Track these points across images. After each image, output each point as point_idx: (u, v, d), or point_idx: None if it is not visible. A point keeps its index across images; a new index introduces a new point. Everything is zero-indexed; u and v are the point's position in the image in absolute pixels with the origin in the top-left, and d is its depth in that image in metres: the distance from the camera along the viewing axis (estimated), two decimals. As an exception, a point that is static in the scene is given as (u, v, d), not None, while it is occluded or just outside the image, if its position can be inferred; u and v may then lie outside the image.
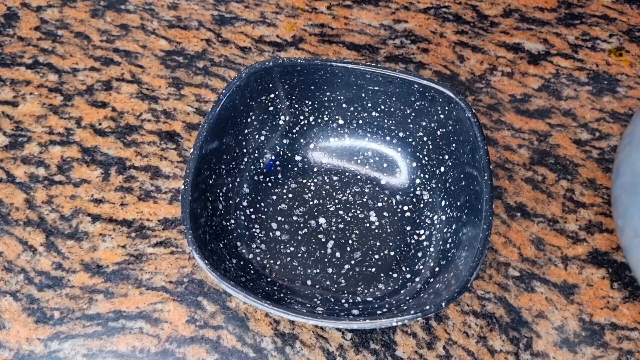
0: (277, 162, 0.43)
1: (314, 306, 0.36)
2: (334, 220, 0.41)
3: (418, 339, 0.38)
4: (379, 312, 0.35)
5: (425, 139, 0.41)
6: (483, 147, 0.36)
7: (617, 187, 0.36)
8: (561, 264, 0.40)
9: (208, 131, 0.37)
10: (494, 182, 0.43)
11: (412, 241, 0.40)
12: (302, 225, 0.41)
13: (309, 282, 0.39)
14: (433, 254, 0.38)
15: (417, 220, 0.41)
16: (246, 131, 0.41)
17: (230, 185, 0.40)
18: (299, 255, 0.40)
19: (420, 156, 0.42)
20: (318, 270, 0.39)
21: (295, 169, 0.43)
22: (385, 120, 0.42)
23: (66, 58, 0.48)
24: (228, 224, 0.39)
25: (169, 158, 0.44)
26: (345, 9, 0.52)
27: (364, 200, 0.42)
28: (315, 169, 0.43)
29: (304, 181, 0.43)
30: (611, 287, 0.40)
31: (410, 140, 0.42)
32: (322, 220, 0.41)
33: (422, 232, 0.40)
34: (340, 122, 0.43)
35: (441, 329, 0.38)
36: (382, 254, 0.40)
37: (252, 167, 0.42)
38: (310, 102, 0.42)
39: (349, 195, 0.42)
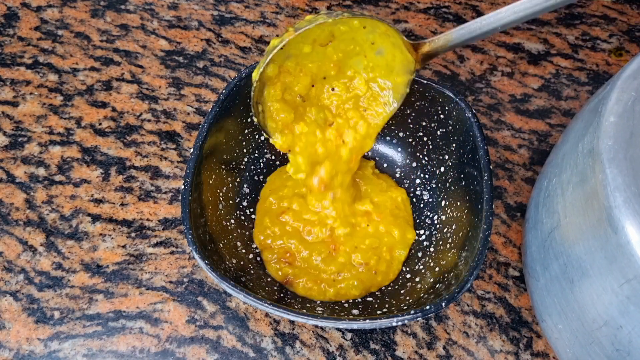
0: (277, 162, 0.43)
1: (314, 306, 0.36)
2: (334, 220, 0.41)
3: (418, 339, 0.38)
4: (379, 312, 0.35)
5: (425, 139, 0.41)
6: (483, 147, 0.36)
7: (524, 267, 0.36)
8: (561, 264, 0.40)
9: (208, 131, 0.37)
10: (494, 182, 0.43)
11: (412, 241, 0.40)
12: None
13: (309, 282, 0.39)
14: (433, 254, 0.38)
15: (417, 220, 0.41)
16: (246, 131, 0.41)
17: (230, 185, 0.40)
18: (299, 255, 0.40)
19: (420, 156, 0.42)
20: (318, 270, 0.39)
21: (295, 169, 0.43)
22: (385, 120, 0.42)
23: (66, 58, 0.48)
24: (228, 224, 0.39)
25: (169, 158, 0.44)
26: (345, 9, 0.52)
27: (364, 200, 0.42)
28: (315, 169, 0.43)
29: (304, 181, 0.43)
30: (611, 287, 0.40)
31: (410, 140, 0.42)
32: (322, 220, 0.41)
33: (422, 232, 0.40)
34: (340, 122, 0.43)
35: (441, 329, 0.38)
36: (382, 254, 0.40)
37: (252, 167, 0.42)
38: (310, 102, 0.42)
39: (349, 195, 0.42)
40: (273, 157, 0.43)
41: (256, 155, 0.42)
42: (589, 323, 0.28)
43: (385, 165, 0.43)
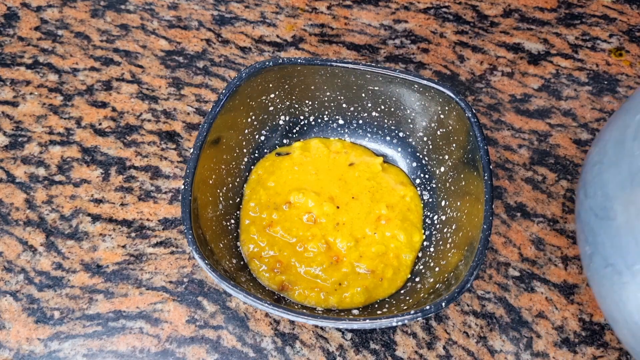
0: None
1: (314, 306, 0.36)
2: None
3: (418, 339, 0.38)
4: (379, 312, 0.35)
5: (425, 139, 0.41)
6: (483, 147, 0.36)
7: (584, 210, 0.34)
8: (561, 264, 0.40)
9: (208, 131, 0.37)
10: (494, 182, 0.43)
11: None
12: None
13: (309, 282, 0.39)
14: (433, 254, 0.38)
15: (417, 220, 0.41)
16: (246, 131, 0.41)
17: (230, 185, 0.40)
18: (299, 255, 0.40)
19: (420, 156, 0.42)
20: (318, 270, 0.39)
21: (295, 169, 0.43)
22: (385, 120, 0.42)
23: (66, 58, 0.48)
24: (228, 224, 0.39)
25: (169, 158, 0.44)
26: (345, 9, 0.52)
27: (364, 200, 0.42)
28: (315, 169, 0.43)
29: (304, 181, 0.43)
30: (611, 287, 0.40)
31: (410, 140, 0.42)
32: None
33: (422, 232, 0.40)
34: (340, 122, 0.43)
35: (441, 329, 0.38)
36: (382, 254, 0.40)
37: (252, 167, 0.42)
38: (310, 102, 0.42)
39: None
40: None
41: (256, 155, 0.42)
42: None
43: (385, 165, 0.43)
